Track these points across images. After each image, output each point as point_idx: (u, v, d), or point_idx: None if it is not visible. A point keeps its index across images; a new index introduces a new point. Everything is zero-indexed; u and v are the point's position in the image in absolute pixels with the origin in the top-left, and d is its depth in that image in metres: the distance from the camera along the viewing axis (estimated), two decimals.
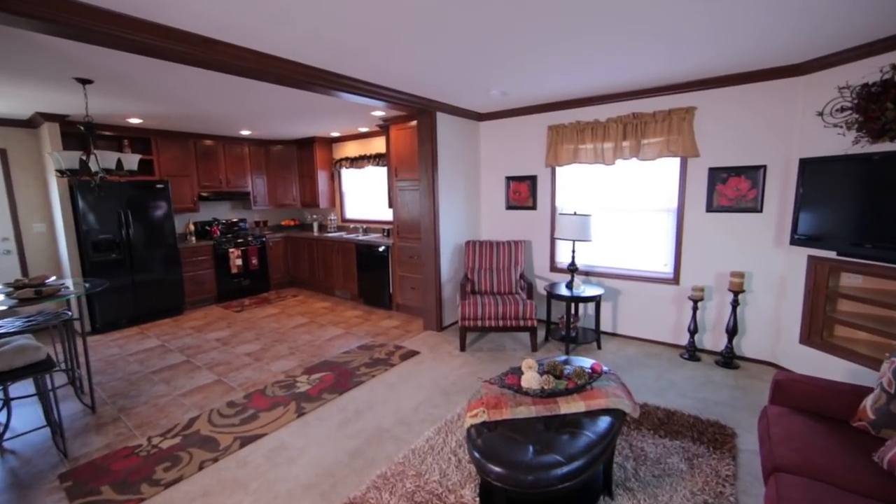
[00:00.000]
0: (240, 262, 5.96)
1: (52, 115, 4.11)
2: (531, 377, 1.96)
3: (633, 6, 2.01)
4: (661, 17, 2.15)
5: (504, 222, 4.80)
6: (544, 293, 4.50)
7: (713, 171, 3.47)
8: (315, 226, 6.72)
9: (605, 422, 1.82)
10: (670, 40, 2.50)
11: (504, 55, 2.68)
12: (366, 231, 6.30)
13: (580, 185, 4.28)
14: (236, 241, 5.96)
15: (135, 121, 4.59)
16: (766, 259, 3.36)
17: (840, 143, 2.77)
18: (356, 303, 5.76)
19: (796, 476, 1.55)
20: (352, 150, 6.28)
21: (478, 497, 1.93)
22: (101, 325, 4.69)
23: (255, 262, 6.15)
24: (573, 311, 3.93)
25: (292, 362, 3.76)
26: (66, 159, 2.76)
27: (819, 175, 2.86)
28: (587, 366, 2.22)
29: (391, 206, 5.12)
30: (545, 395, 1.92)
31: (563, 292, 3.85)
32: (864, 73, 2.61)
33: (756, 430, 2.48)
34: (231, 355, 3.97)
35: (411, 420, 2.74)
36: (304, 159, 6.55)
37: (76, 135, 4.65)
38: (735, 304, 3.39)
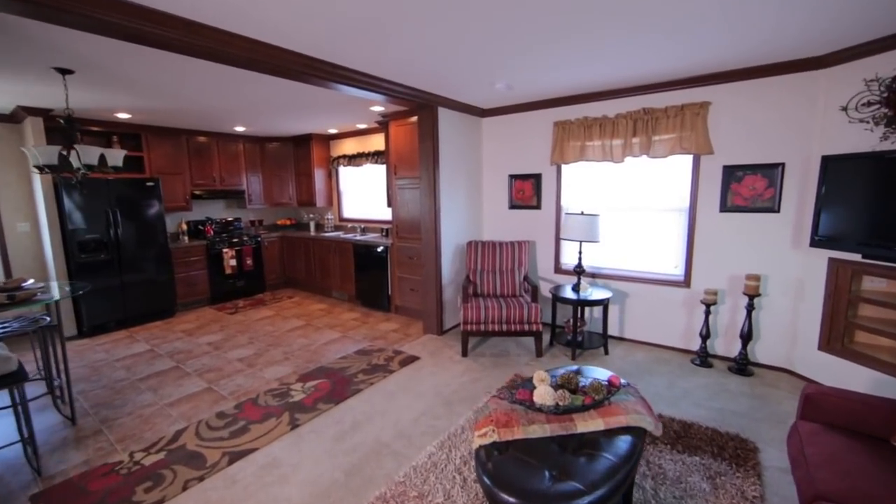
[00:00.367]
0: (234, 262, 5.78)
1: (34, 108, 3.92)
2: (544, 392, 1.81)
3: None
4: (675, 6, 1.99)
5: (507, 222, 4.64)
6: (549, 296, 4.33)
7: (728, 169, 3.32)
8: (312, 225, 6.54)
9: (626, 442, 1.66)
10: (684, 31, 2.35)
11: (512, 45, 2.52)
12: (364, 231, 6.13)
13: (587, 184, 4.12)
14: (230, 240, 5.78)
15: (123, 116, 4.40)
16: (782, 261, 3.21)
17: (866, 139, 2.62)
18: (354, 304, 5.60)
19: None
20: (350, 147, 6.10)
21: None
22: (88, 329, 4.51)
23: (249, 262, 5.97)
24: (580, 315, 3.77)
25: (287, 368, 3.59)
26: (43, 154, 2.58)
27: (843, 173, 2.71)
28: (603, 378, 2.06)
29: (390, 205, 4.95)
30: (560, 411, 1.76)
31: (570, 295, 3.69)
32: (895, 65, 2.46)
33: (780, 444, 2.34)
34: (223, 361, 3.79)
35: (412, 433, 2.57)
36: (301, 157, 6.37)
37: (62, 130, 4.46)
38: (750, 308, 3.24)
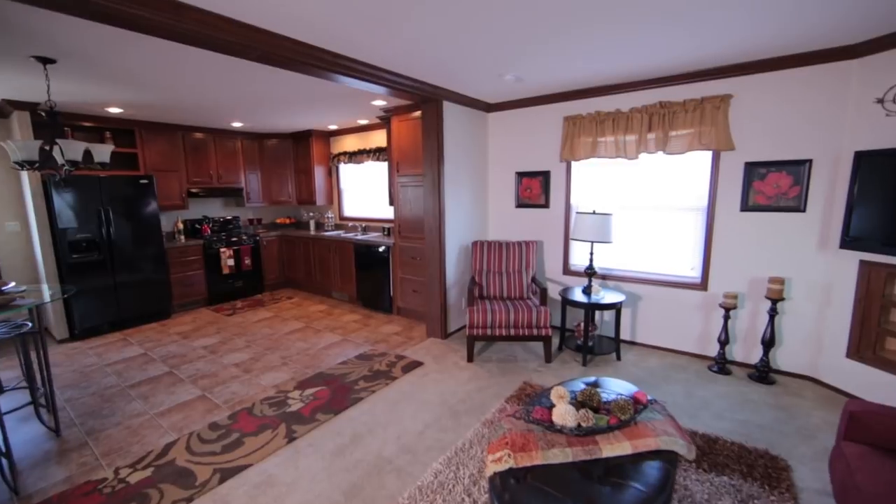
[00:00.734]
0: (232, 262, 5.62)
1: (20, 102, 3.75)
2: (564, 411, 1.64)
3: None
4: None
5: (514, 221, 4.47)
6: (558, 298, 4.17)
7: (750, 165, 3.14)
8: (312, 224, 6.38)
9: (657, 469, 1.49)
10: (706, 19, 2.18)
11: (526, 33, 2.34)
12: (365, 230, 5.96)
13: (598, 182, 3.94)
14: (228, 240, 5.62)
15: (115, 110, 4.23)
16: (808, 264, 3.03)
17: None
18: (354, 306, 5.43)
19: None
20: (350, 143, 5.93)
21: None
22: (80, 332, 4.35)
23: (247, 262, 5.81)
24: (591, 319, 3.59)
25: (284, 374, 3.43)
26: (23, 149, 2.42)
27: (878, 170, 2.53)
28: (626, 392, 1.89)
29: (392, 203, 4.78)
30: (583, 433, 1.59)
31: (580, 298, 3.52)
32: None
33: (813, 462, 2.17)
34: (218, 366, 3.63)
35: (416, 447, 2.41)
36: (301, 154, 6.20)
37: (45, 124, 4.30)
38: (773, 312, 3.06)
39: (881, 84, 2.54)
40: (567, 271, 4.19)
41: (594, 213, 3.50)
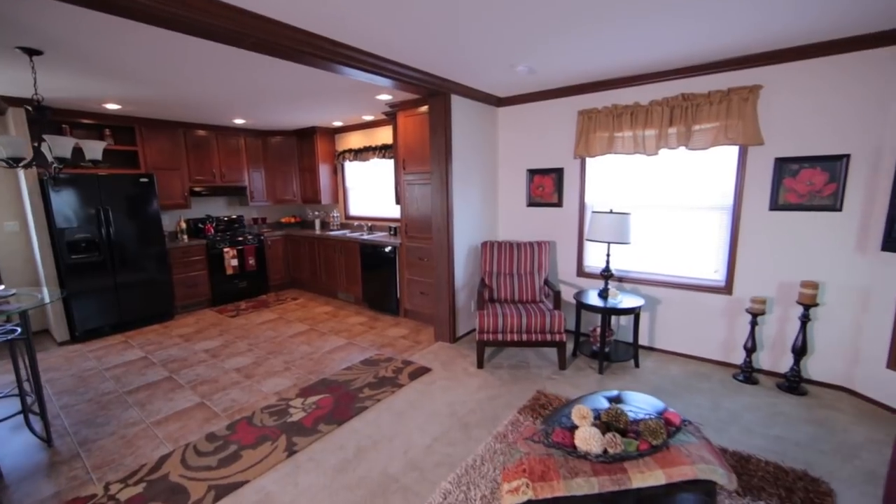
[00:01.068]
0: (235, 262, 5.51)
1: (15, 98, 3.65)
2: (588, 434, 1.47)
3: None
4: None
5: (525, 221, 4.29)
6: (571, 301, 3.99)
7: (780, 161, 2.93)
8: (317, 223, 6.25)
9: (693, 501, 1.32)
10: (732, 1, 1.98)
11: (537, 19, 2.16)
12: (371, 229, 5.82)
13: (615, 179, 3.75)
14: (232, 239, 5.51)
15: (112, 106, 4.12)
16: (844, 267, 2.82)
17: None
18: (360, 307, 5.29)
19: None
20: (356, 140, 5.78)
21: None
22: (80, 334, 4.26)
23: (252, 262, 5.70)
24: (608, 324, 3.41)
25: (287, 381, 3.29)
26: (7, 146, 2.30)
27: None
28: (652, 409, 1.71)
29: (398, 202, 4.63)
30: (610, 460, 1.42)
31: (596, 302, 3.34)
32: None
33: (859, 485, 1.97)
34: (219, 371, 3.51)
35: (424, 463, 2.26)
36: (305, 151, 6.07)
37: (48, 122, 4.21)
38: (805, 319, 2.86)
39: None
40: (581, 273, 4.00)
41: (611, 212, 3.31)
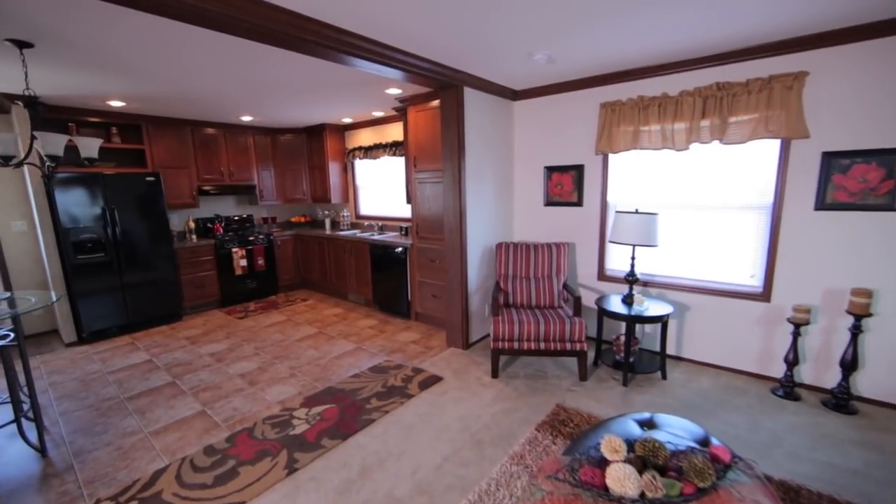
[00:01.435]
0: (244, 262, 5.41)
1: (19, 95, 3.58)
2: (622, 474, 1.26)
3: None
4: None
5: (542, 221, 4.06)
6: (592, 307, 3.76)
7: (828, 156, 2.65)
8: (327, 223, 6.11)
9: None
10: None
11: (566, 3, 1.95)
12: (381, 229, 5.66)
13: (640, 177, 3.50)
14: (240, 239, 5.41)
15: (116, 104, 4.03)
16: None
17: None
18: (370, 309, 5.14)
19: None
20: (366, 138, 5.62)
21: None
22: (88, 335, 4.20)
23: (261, 262, 5.59)
24: (633, 332, 3.17)
25: (291, 388, 3.15)
26: None
27: None
28: (690, 434, 1.49)
29: (409, 201, 4.45)
30: None
31: (620, 309, 3.11)
32: None
33: None
34: (223, 376, 3.39)
35: (434, 487, 2.07)
36: (314, 149, 5.94)
37: (55, 121, 4.15)
38: (856, 330, 2.58)
39: None
40: (602, 277, 3.76)
41: (637, 212, 3.07)
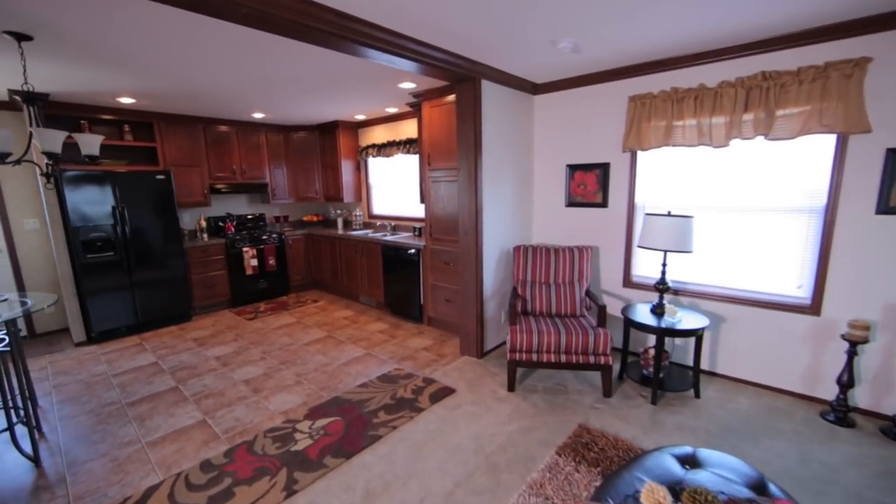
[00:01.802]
0: (255, 262, 5.32)
1: (30, 93, 3.52)
2: None
3: None
4: None
5: (563, 223, 3.82)
6: (616, 315, 3.52)
7: (894, 153, 2.35)
8: (339, 222, 5.98)
9: None
10: None
11: None
12: (394, 229, 5.49)
13: (671, 176, 3.22)
14: (251, 238, 5.32)
15: (127, 100, 3.96)
16: None
17: None
18: (382, 312, 4.98)
19: None
20: (379, 135, 5.46)
21: None
22: (96, 335, 4.15)
23: (272, 262, 5.49)
24: (663, 346, 2.91)
25: (296, 397, 3.00)
26: None
27: None
28: (742, 477, 1.26)
29: (423, 200, 4.26)
30: None
31: (649, 320, 2.85)
32: None
33: None
34: (227, 382, 3.27)
35: None
36: (327, 147, 5.81)
37: (67, 118, 4.11)
38: None
39: None
40: (628, 283, 3.50)
41: (669, 214, 2.81)
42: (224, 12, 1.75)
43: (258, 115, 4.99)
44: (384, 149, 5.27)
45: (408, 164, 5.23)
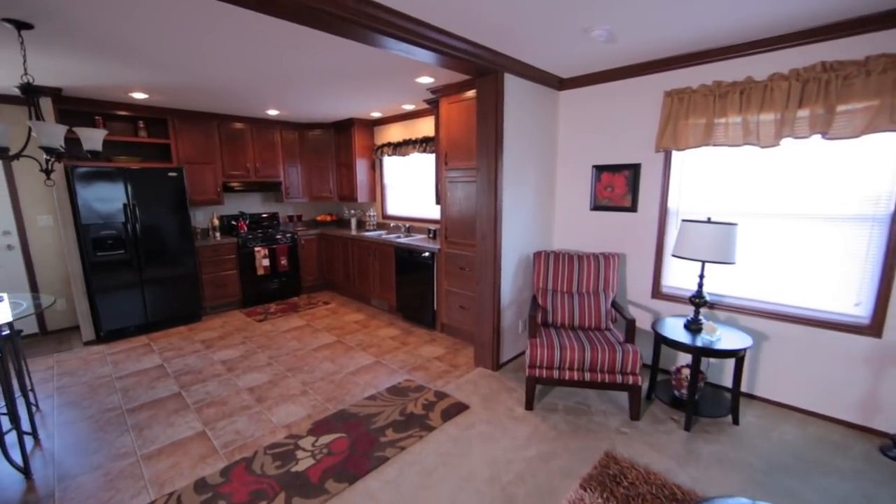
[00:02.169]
0: (267, 262, 5.22)
1: (43, 88, 3.47)
2: None
3: None
4: None
5: (587, 228, 3.57)
6: (645, 328, 3.26)
7: None
8: (353, 222, 5.84)
9: None
10: None
11: None
12: (408, 231, 5.31)
13: (710, 178, 2.95)
14: (263, 238, 5.21)
15: (139, 95, 3.87)
16: None
17: None
18: (393, 317, 4.81)
19: None
20: (395, 133, 5.29)
21: None
22: (105, 334, 4.10)
23: (284, 262, 5.39)
24: (699, 367, 2.64)
25: (301, 409, 2.84)
26: None
27: None
28: None
29: (439, 201, 4.07)
30: None
31: (682, 338, 2.59)
32: None
33: None
34: (231, 389, 3.13)
35: None
36: (342, 145, 5.67)
37: (82, 114, 4.06)
38: None
39: None
40: (658, 294, 3.23)
41: (709, 221, 2.54)
42: None
43: (273, 112, 4.87)
44: (400, 147, 5.09)
45: (423, 164, 5.04)
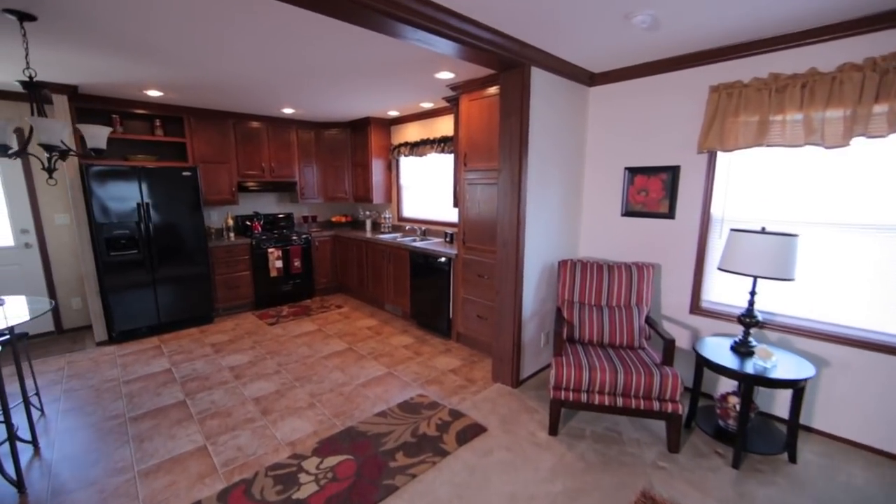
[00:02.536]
0: (280, 263, 5.11)
1: (58, 85, 3.42)
2: None
3: None
4: None
5: (617, 235, 3.29)
6: (683, 347, 2.97)
7: None
8: (368, 224, 5.69)
9: None
10: None
11: None
12: (424, 234, 5.11)
13: (761, 183, 2.64)
14: (278, 239, 5.11)
15: (154, 93, 3.80)
16: None
17: None
18: (407, 323, 4.61)
19: None
20: (412, 133, 5.10)
21: None
22: (117, 335, 4.04)
23: (297, 264, 5.27)
24: (751, 396, 2.33)
25: (307, 424, 2.66)
26: None
27: None
28: None
29: (456, 204, 3.86)
30: None
31: (731, 363, 2.30)
32: None
33: None
34: (237, 399, 2.99)
35: None
36: (358, 145, 5.53)
37: (98, 112, 4.03)
38: None
39: None
40: (697, 310, 2.93)
41: (764, 231, 2.25)
42: None
43: (288, 111, 4.75)
44: (417, 147, 4.90)
45: (441, 165, 4.84)
